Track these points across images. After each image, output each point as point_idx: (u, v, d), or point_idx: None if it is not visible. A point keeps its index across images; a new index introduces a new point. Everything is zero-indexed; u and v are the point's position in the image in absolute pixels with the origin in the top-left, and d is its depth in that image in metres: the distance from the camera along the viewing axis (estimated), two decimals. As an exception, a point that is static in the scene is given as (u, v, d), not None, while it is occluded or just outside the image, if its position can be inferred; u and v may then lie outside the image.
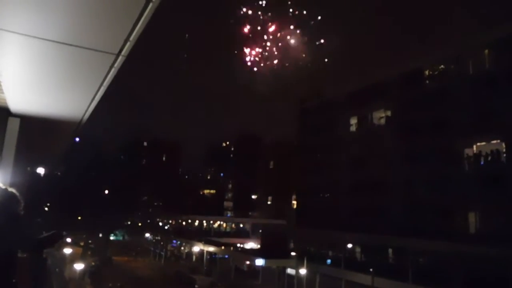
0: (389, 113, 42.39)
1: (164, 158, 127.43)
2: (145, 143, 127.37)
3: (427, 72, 38.65)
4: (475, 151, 32.85)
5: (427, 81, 38.55)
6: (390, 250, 37.75)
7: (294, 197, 71.26)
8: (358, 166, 43.45)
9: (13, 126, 5.70)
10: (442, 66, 37.57)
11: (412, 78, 38.52)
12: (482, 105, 31.24)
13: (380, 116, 43.56)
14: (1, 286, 3.16)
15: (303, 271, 39.19)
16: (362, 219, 40.32)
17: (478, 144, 32.63)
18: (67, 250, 41.31)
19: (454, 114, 33.33)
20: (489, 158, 31.63)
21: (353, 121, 47.28)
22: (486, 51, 33.02)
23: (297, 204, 60.41)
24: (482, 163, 32.18)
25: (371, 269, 32.49)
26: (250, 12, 39.38)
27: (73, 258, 44.13)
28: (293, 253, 45.89)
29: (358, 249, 41.91)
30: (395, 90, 40.03)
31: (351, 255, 41.76)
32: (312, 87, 55.72)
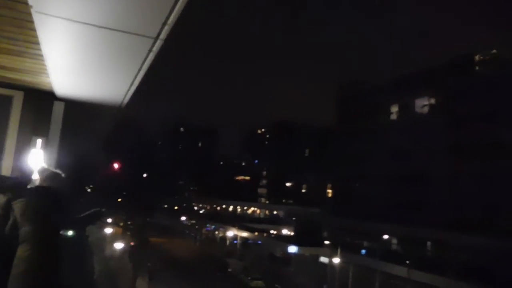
0: (433, 101, 40.69)
1: (200, 144, 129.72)
2: (181, 129, 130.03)
3: (477, 58, 36.57)
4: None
5: (477, 67, 36.52)
6: (428, 244, 36.69)
7: (329, 185, 70.51)
8: (398, 155, 42.26)
9: (58, 110, 5.94)
10: (494, 51, 35.37)
11: (460, 64, 36.60)
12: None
13: (423, 104, 41.92)
14: (45, 262, 3.31)
15: (336, 260, 38.93)
16: (399, 210, 39.38)
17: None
18: (108, 230, 43.28)
19: (505, 103, 31.47)
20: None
21: (394, 109, 45.85)
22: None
23: (332, 193, 59.77)
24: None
25: (407, 261, 31.76)
26: None
27: (113, 238, 46.22)
28: (326, 242, 45.64)
29: (394, 241, 41.04)
30: (441, 76, 38.28)
31: (387, 246, 40.98)
32: (353, 73, 54.44)
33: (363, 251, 42.00)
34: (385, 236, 41.14)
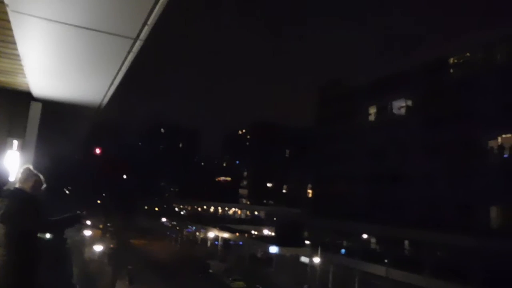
0: (410, 102, 41.56)
1: (181, 145, 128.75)
2: (162, 130, 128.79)
3: (451, 61, 37.52)
4: (499, 144, 31.97)
5: (451, 70, 37.47)
6: (406, 242, 37.42)
7: (309, 185, 71.11)
8: (376, 156, 42.96)
9: (35, 110, 5.82)
10: (468, 54, 36.33)
11: (435, 67, 37.49)
12: (509, 95, 30.27)
13: (400, 105, 42.78)
14: (22, 265, 3.25)
15: (316, 260, 39.30)
16: (378, 210, 40.05)
17: (503, 136, 31.72)
18: (87, 232, 42.43)
19: (478, 104, 32.40)
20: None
21: (372, 110, 46.61)
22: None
23: (312, 193, 60.28)
24: (506, 156, 31.33)
25: (386, 260, 32.31)
26: None
27: (93, 240, 45.36)
28: (307, 242, 46.00)
29: (373, 240, 41.70)
30: (417, 79, 39.11)
31: (366, 246, 41.60)
32: (332, 75, 55.05)
33: (343, 251, 42.56)
34: (365, 236, 41.80)
